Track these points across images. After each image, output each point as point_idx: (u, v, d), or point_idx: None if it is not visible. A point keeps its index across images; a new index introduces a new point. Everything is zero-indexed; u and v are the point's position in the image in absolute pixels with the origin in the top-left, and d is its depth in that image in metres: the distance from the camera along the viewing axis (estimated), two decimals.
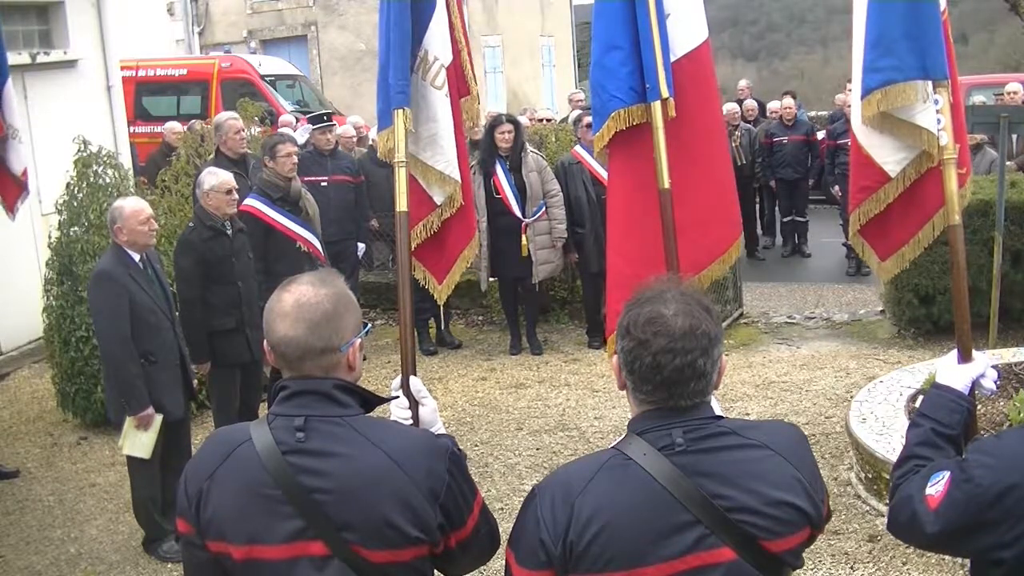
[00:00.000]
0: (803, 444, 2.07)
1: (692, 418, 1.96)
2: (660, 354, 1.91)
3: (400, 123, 3.49)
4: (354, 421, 2.06)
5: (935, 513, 2.10)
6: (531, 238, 8.14)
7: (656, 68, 3.75)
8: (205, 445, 2.18)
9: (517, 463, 6.20)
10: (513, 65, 22.22)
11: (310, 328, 2.04)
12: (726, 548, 1.89)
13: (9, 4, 9.54)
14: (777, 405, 6.88)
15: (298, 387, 2.07)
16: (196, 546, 2.08)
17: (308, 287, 2.08)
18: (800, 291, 10.39)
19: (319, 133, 8.73)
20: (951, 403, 2.45)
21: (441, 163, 3.94)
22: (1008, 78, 11.72)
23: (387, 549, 1.99)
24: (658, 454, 1.92)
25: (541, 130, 10.44)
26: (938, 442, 2.34)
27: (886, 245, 3.87)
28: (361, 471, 1.99)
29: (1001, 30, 30.91)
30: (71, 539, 5.63)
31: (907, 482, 2.25)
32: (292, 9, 20.76)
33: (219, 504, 2.03)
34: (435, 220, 4.04)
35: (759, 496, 1.92)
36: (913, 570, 4.60)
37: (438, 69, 3.85)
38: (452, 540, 2.07)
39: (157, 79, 16.11)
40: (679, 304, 1.96)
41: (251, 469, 2.02)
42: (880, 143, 3.67)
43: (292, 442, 2.01)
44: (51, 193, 7.32)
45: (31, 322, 8.03)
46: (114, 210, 5.19)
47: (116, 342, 5.09)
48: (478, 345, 8.84)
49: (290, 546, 1.99)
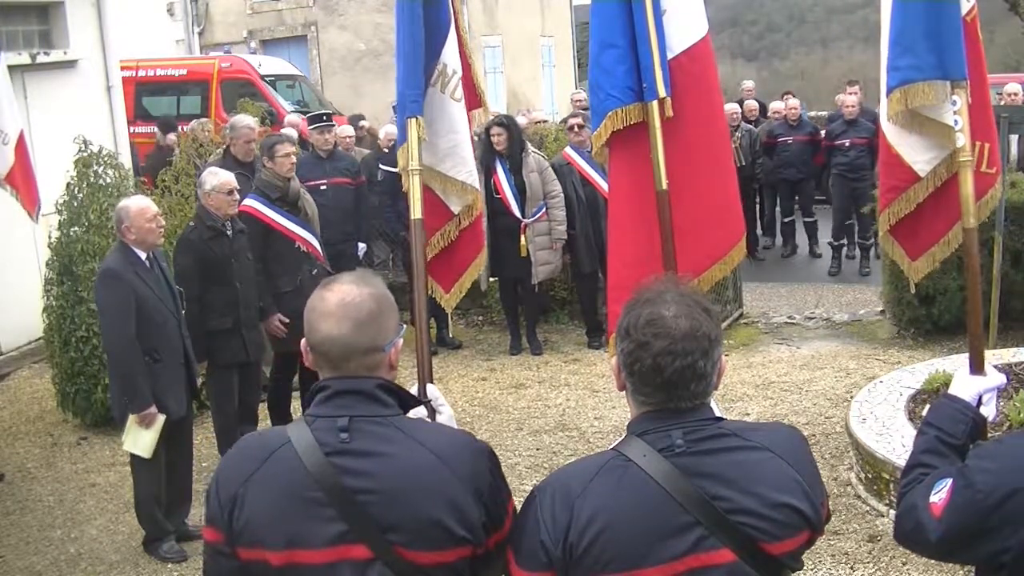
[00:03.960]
0: (803, 446, 2.07)
1: (692, 419, 1.96)
2: (661, 356, 1.91)
3: (413, 132, 3.48)
4: (397, 421, 2.04)
5: (938, 520, 2.10)
6: (530, 238, 8.14)
7: (653, 67, 3.72)
8: (236, 450, 2.12)
9: (517, 463, 6.20)
10: (513, 65, 22.20)
11: (356, 327, 2.02)
12: (726, 550, 1.89)
13: (9, 4, 9.54)
14: (777, 405, 6.88)
15: (341, 387, 2.04)
16: (224, 555, 2.04)
17: (352, 286, 2.06)
18: (800, 291, 10.39)
19: (317, 134, 8.61)
20: (957, 413, 2.44)
21: (463, 173, 3.98)
22: (1008, 78, 11.75)
23: (433, 550, 1.96)
24: (658, 455, 1.92)
25: (541, 130, 10.43)
26: (943, 450, 2.33)
27: (916, 245, 3.82)
28: (408, 471, 1.97)
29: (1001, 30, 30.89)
30: (71, 539, 5.63)
31: (912, 491, 2.24)
32: (292, 9, 20.74)
33: (256, 509, 1.99)
34: (453, 229, 4.08)
35: (759, 498, 1.92)
36: (913, 570, 4.60)
37: (456, 82, 3.89)
38: (492, 541, 2.05)
39: (157, 79, 16.10)
40: (679, 305, 1.95)
41: (292, 471, 1.98)
42: (909, 143, 3.62)
43: (336, 443, 1.98)
44: (51, 193, 7.31)
45: (31, 322, 8.04)
46: (120, 210, 5.20)
47: (121, 341, 5.09)
48: (478, 345, 8.84)
49: (332, 550, 1.96)
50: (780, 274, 11.21)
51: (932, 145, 3.58)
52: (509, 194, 8.09)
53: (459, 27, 4.00)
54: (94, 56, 10.10)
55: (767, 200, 12.63)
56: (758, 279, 10.75)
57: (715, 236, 3.96)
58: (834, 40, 46.09)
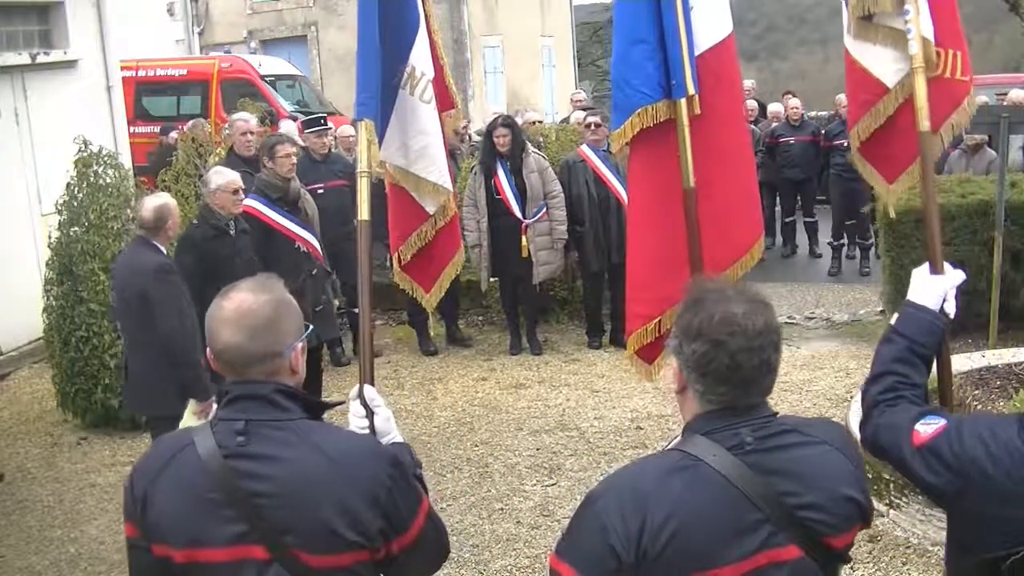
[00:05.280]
0: (852, 439, 2.13)
1: (757, 416, 1.98)
2: (739, 354, 1.93)
3: (363, 135, 3.45)
4: (295, 425, 2.07)
5: (916, 449, 2.17)
6: (531, 239, 8.15)
7: (683, 63, 3.67)
8: (150, 449, 2.22)
9: (517, 463, 6.20)
10: (513, 65, 22.20)
11: (252, 334, 2.06)
12: (792, 546, 1.91)
13: (9, 4, 9.54)
14: (777, 405, 6.75)
15: (239, 391, 2.09)
16: (142, 549, 2.11)
17: (249, 294, 2.09)
18: (800, 291, 10.38)
19: (314, 137, 8.51)
20: (927, 323, 2.48)
21: (435, 174, 4.00)
22: (1008, 78, 11.76)
23: (327, 554, 2.00)
24: (728, 454, 1.93)
25: (541, 130, 10.44)
26: (914, 360, 2.39)
27: (891, 166, 3.66)
28: (300, 474, 2.00)
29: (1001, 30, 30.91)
30: (71, 539, 5.63)
31: (895, 408, 2.30)
32: (292, 9, 20.74)
33: (162, 507, 2.06)
34: (429, 230, 4.10)
35: (825, 492, 1.95)
36: (913, 570, 4.59)
37: (425, 84, 3.90)
38: (395, 546, 2.07)
39: (157, 79, 16.10)
40: (746, 303, 1.97)
41: (193, 473, 2.04)
42: (873, 53, 3.49)
43: (233, 446, 2.03)
44: (51, 193, 7.31)
45: (31, 322, 8.03)
46: (162, 208, 5.26)
47: (183, 336, 5.13)
48: (478, 345, 8.84)
49: (232, 549, 2.01)
50: (780, 274, 11.20)
51: (899, 56, 3.43)
52: (510, 194, 8.10)
53: (431, 28, 3.99)
54: (94, 56, 10.10)
55: (767, 200, 12.60)
56: (758, 279, 10.66)
57: (737, 234, 3.91)
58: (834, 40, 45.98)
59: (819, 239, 12.01)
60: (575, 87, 22.06)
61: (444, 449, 6.53)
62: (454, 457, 6.39)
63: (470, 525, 5.42)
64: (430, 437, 6.75)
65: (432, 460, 6.31)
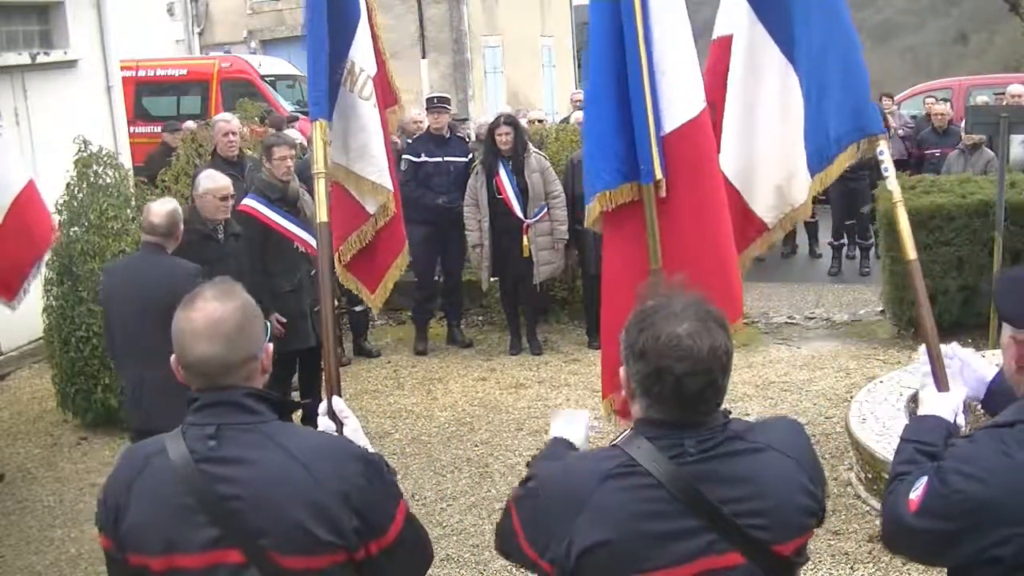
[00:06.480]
0: (802, 435, 2.10)
1: (704, 428, 1.96)
2: (684, 377, 1.89)
3: (317, 135, 3.41)
4: (266, 428, 2.07)
5: (914, 515, 2.10)
6: (532, 239, 8.15)
7: (650, 147, 3.63)
8: (121, 459, 2.20)
9: (517, 463, 6.19)
10: (513, 65, 22.21)
11: (228, 343, 2.06)
12: (735, 553, 1.90)
13: (9, 4, 9.54)
14: (777, 405, 6.88)
15: (208, 399, 2.08)
16: (117, 561, 2.11)
17: (216, 303, 2.08)
18: (800, 291, 10.38)
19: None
20: (933, 426, 2.41)
21: (374, 174, 3.97)
22: (1008, 78, 11.74)
23: (302, 555, 2.00)
24: (669, 462, 1.91)
25: (541, 130, 10.43)
26: (919, 458, 2.32)
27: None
28: (272, 476, 2.01)
29: (1001, 30, 30.91)
30: (71, 539, 5.63)
31: (893, 495, 2.23)
32: (292, 9, 20.74)
33: (136, 516, 2.06)
34: (369, 230, 4.09)
35: (769, 499, 1.93)
36: (913, 570, 4.59)
37: (364, 80, 3.86)
38: (373, 547, 2.06)
39: (157, 79, 16.11)
40: (693, 321, 1.92)
41: (166, 480, 2.03)
42: None
43: (204, 450, 2.03)
44: (51, 193, 7.30)
45: (31, 322, 8.02)
46: (173, 213, 5.11)
47: None
48: (478, 345, 8.84)
49: (207, 555, 2.00)
50: (780, 274, 11.20)
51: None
52: (511, 194, 8.10)
53: (373, 23, 3.93)
54: (94, 56, 10.09)
55: None
56: (758, 279, 10.73)
57: None
58: None
59: (819, 239, 12.01)
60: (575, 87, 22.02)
61: (444, 449, 6.53)
62: (454, 457, 6.39)
63: (470, 525, 5.42)
64: (430, 437, 6.75)
65: (432, 460, 6.31)
